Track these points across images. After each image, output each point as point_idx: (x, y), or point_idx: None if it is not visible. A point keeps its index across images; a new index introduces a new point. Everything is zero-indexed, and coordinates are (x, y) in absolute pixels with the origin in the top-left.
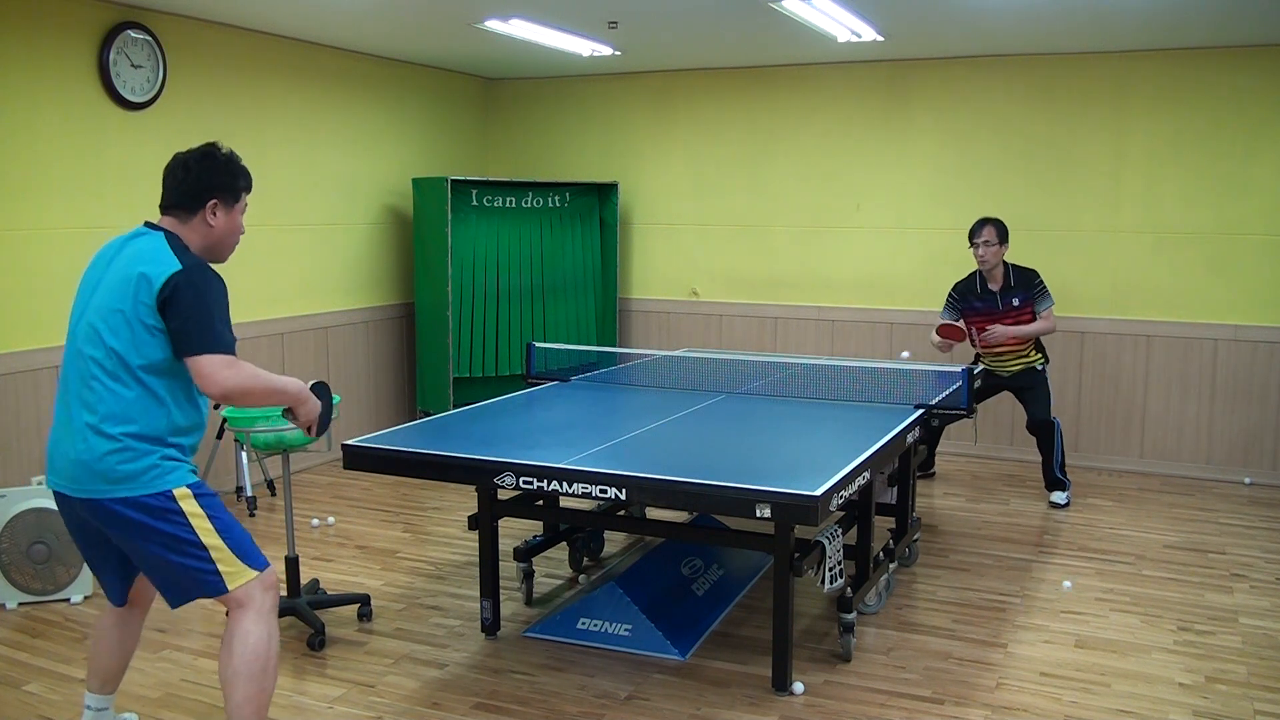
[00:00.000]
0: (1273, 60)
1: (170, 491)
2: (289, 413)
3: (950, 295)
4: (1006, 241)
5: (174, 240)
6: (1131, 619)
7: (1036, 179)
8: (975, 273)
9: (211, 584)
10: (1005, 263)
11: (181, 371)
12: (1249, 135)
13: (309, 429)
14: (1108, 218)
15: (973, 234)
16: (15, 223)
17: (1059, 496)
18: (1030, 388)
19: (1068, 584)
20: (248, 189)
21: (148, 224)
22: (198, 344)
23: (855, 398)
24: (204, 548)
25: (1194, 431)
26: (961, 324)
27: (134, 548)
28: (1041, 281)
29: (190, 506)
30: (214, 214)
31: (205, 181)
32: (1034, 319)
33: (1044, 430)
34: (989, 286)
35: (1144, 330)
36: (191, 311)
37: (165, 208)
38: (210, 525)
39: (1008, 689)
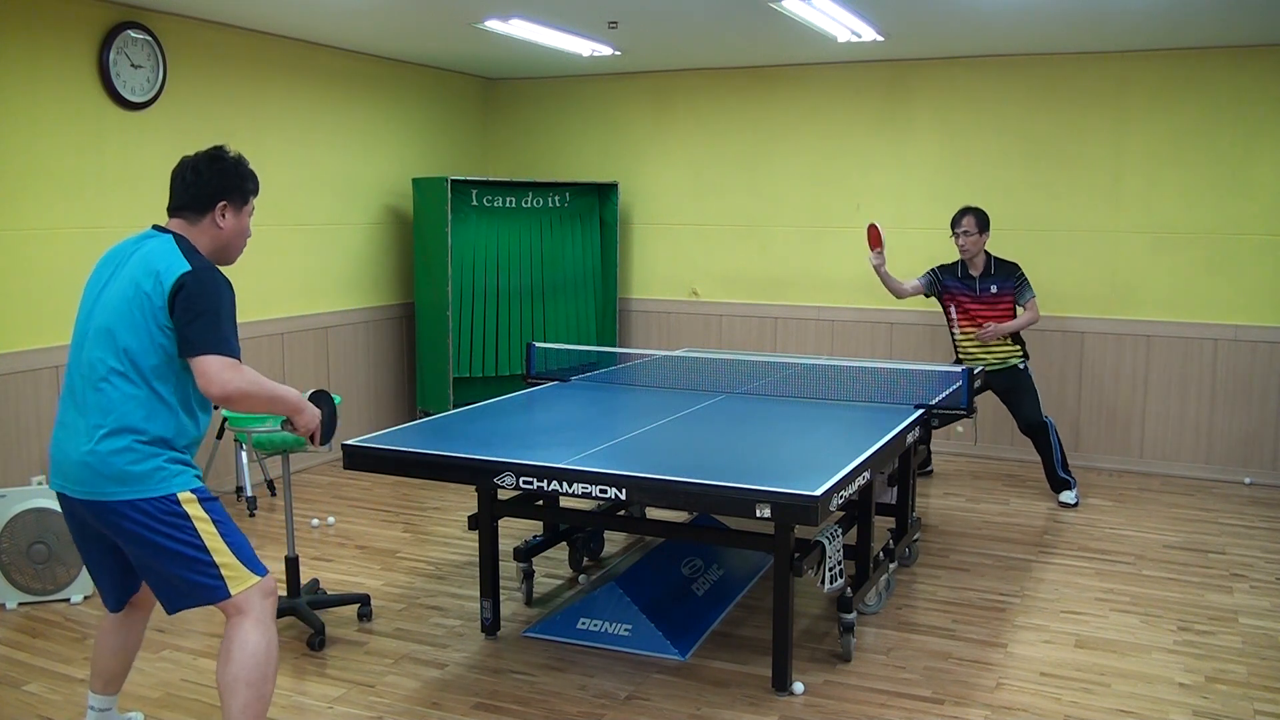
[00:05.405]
0: (1273, 60)
1: (175, 495)
2: (288, 423)
3: (931, 270)
4: (987, 231)
5: (183, 242)
6: (1131, 619)
7: (1036, 179)
8: (959, 260)
9: (214, 589)
10: (987, 253)
11: (189, 377)
12: (1249, 135)
13: (311, 438)
14: (1108, 218)
15: (954, 223)
16: (15, 223)
17: (1067, 496)
18: (1014, 389)
19: None
20: (255, 192)
21: (156, 227)
22: (202, 344)
23: (855, 398)
24: (208, 552)
25: (1194, 431)
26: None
27: (136, 552)
28: (1023, 274)
29: (195, 510)
30: (223, 216)
31: (215, 184)
32: (1013, 308)
33: (1038, 432)
34: (969, 273)
35: (1144, 330)
36: (198, 312)
37: (174, 210)
38: (215, 530)
39: (1008, 689)
